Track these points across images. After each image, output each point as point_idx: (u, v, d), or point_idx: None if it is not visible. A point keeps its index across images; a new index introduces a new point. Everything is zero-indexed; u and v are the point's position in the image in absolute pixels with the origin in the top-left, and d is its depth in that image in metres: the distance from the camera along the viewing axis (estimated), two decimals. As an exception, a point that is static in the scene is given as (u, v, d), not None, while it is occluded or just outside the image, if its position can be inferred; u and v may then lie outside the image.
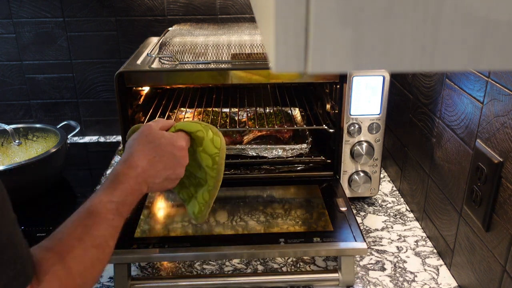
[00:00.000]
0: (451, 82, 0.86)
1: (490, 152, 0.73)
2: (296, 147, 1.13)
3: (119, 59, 1.41)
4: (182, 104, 1.34)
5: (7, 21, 1.35)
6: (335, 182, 1.06)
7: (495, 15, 0.27)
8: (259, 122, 1.24)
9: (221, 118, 1.24)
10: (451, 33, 0.28)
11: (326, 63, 0.28)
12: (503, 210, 0.70)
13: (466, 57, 0.28)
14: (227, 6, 1.37)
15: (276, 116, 1.25)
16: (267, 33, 0.30)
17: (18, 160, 1.20)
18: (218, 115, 1.25)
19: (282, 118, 1.25)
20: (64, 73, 1.42)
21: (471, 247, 0.80)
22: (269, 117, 1.24)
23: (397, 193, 1.17)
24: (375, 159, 1.05)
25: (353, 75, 0.98)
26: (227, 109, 1.33)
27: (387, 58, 0.28)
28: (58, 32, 1.37)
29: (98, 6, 1.34)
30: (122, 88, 1.01)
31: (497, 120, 0.71)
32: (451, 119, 0.86)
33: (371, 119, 1.01)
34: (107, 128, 1.51)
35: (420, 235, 1.00)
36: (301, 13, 0.27)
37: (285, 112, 1.31)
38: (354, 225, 0.88)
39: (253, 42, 1.06)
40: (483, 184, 0.74)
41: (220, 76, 1.02)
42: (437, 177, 0.94)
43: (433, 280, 0.87)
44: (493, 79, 0.72)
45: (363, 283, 0.86)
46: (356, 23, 0.27)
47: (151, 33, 1.37)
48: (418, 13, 0.27)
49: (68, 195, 1.19)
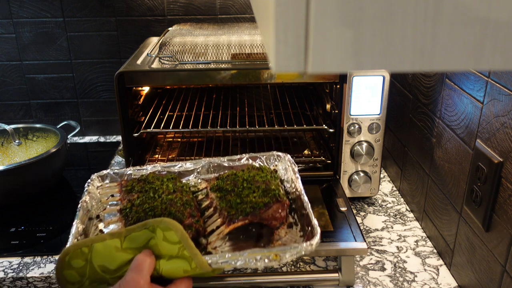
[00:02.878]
0: (451, 82, 0.86)
1: (490, 152, 0.73)
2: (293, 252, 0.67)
3: (119, 59, 1.41)
4: (182, 104, 1.34)
5: (7, 21, 1.35)
6: (335, 182, 1.06)
7: (495, 15, 0.27)
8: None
9: (221, 118, 1.24)
10: (451, 33, 0.28)
11: (326, 63, 0.28)
12: (503, 210, 0.70)
13: (466, 57, 0.28)
14: (227, 6, 1.37)
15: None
16: (267, 33, 0.30)
17: (18, 160, 1.20)
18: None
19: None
20: (64, 73, 1.42)
21: (471, 247, 0.80)
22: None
23: (397, 193, 1.17)
24: (375, 159, 1.05)
25: (353, 75, 0.98)
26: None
27: (387, 58, 0.28)
28: (58, 32, 1.37)
29: (98, 6, 1.34)
30: (122, 88, 1.01)
31: (497, 120, 0.71)
32: (451, 119, 0.86)
33: (371, 119, 1.01)
34: (107, 128, 1.51)
35: (420, 235, 1.00)
36: (301, 13, 0.27)
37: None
38: (354, 225, 0.88)
39: (253, 42, 1.06)
40: (483, 184, 0.74)
41: (220, 76, 1.02)
42: (437, 177, 0.94)
43: (433, 280, 0.87)
44: (493, 79, 0.72)
45: (363, 283, 0.86)
46: (356, 23, 0.27)
47: (151, 33, 1.37)
48: (418, 13, 0.27)
49: (68, 195, 1.19)
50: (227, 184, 0.79)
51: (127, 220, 0.73)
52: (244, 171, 0.82)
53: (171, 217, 0.71)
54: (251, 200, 0.74)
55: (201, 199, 0.82)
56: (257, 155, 0.91)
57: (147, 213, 0.72)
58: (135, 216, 0.72)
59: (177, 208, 0.73)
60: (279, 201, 0.75)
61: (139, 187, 0.80)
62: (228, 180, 0.80)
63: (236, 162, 0.91)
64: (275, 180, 0.81)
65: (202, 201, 0.81)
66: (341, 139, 1.03)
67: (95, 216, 0.79)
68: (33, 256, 0.94)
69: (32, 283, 0.89)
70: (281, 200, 0.75)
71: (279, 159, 0.90)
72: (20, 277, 0.88)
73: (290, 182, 0.84)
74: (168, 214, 0.71)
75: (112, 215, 0.78)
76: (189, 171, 0.90)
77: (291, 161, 0.87)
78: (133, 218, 0.72)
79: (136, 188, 0.80)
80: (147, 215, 0.72)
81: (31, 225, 1.03)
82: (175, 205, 0.74)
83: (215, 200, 0.78)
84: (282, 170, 0.88)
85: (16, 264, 0.91)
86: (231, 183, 0.79)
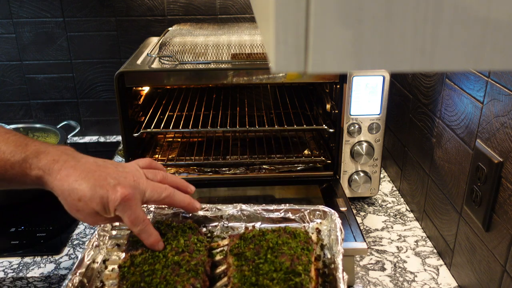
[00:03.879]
0: (451, 82, 0.86)
1: (490, 152, 0.73)
2: None
3: (119, 59, 1.41)
4: (182, 104, 1.34)
5: (7, 21, 1.35)
6: (335, 182, 1.06)
7: (495, 15, 0.27)
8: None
9: (221, 118, 1.24)
10: (451, 33, 0.28)
11: (326, 63, 0.28)
12: (503, 210, 0.70)
13: (466, 57, 0.28)
14: (227, 6, 1.36)
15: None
16: (267, 33, 0.30)
17: (18, 160, 1.19)
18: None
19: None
20: (64, 73, 1.42)
21: (471, 247, 0.80)
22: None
23: (397, 193, 1.17)
24: (375, 159, 1.05)
25: (353, 75, 0.98)
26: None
27: (387, 58, 0.28)
28: (58, 32, 1.37)
29: (98, 6, 1.34)
30: (122, 88, 1.01)
31: (497, 120, 0.71)
32: (451, 119, 0.86)
33: (371, 119, 1.01)
34: (107, 128, 1.51)
35: (420, 235, 1.00)
36: (301, 13, 0.27)
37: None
38: (354, 225, 0.88)
39: (253, 42, 1.06)
40: (483, 184, 0.74)
41: (220, 76, 1.02)
42: (437, 177, 0.94)
43: (433, 280, 0.87)
44: (493, 79, 0.72)
45: (363, 283, 0.86)
46: (356, 23, 0.27)
47: (151, 33, 1.37)
48: (418, 13, 0.27)
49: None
50: (249, 249, 0.67)
51: (122, 282, 0.64)
52: (275, 232, 0.70)
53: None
54: (267, 284, 0.60)
55: (219, 260, 0.71)
56: (299, 209, 0.77)
57: (144, 277, 0.63)
58: (131, 279, 0.63)
59: (180, 276, 0.63)
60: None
61: None
62: (252, 242, 0.68)
63: (271, 214, 0.78)
64: (308, 254, 0.66)
65: (220, 263, 0.70)
66: (341, 139, 1.03)
67: (102, 261, 0.72)
68: (33, 256, 0.94)
69: (32, 283, 0.89)
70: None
71: (324, 216, 0.76)
72: (20, 277, 0.88)
73: (331, 251, 0.70)
74: (167, 285, 0.62)
75: (115, 269, 0.70)
76: (216, 217, 0.79)
77: (338, 225, 0.72)
78: (129, 281, 0.63)
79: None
80: (144, 281, 0.63)
81: (31, 225, 1.03)
82: (179, 271, 0.64)
83: (231, 267, 0.66)
84: (325, 231, 0.74)
85: (16, 264, 0.91)
86: (254, 248, 0.67)
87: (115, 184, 0.62)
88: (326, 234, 0.74)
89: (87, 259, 0.69)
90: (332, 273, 0.65)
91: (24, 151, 0.64)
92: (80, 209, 0.62)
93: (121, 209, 0.62)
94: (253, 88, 1.41)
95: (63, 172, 0.62)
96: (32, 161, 0.63)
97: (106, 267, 0.71)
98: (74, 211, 0.63)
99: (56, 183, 0.62)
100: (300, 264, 0.63)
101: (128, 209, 0.62)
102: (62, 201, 0.63)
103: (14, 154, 0.63)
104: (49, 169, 0.62)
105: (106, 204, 0.61)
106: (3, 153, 0.64)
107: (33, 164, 0.63)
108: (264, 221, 0.78)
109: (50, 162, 0.63)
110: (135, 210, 0.63)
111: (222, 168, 1.15)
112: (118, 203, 0.61)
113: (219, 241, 0.74)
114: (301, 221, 0.77)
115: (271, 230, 0.71)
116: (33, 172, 0.63)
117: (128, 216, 0.62)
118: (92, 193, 0.61)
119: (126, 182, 0.63)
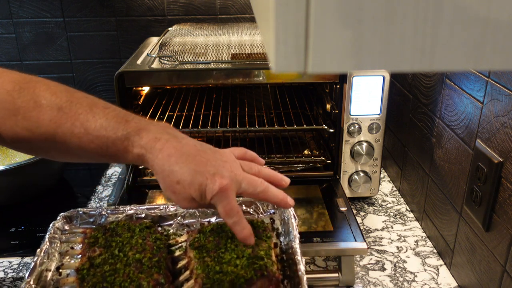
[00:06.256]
0: (451, 82, 0.86)
1: (490, 152, 0.73)
2: None
3: (119, 59, 1.41)
4: (182, 104, 1.34)
5: (7, 21, 1.35)
6: (335, 182, 1.06)
7: (495, 15, 0.27)
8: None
9: (221, 118, 1.24)
10: (451, 33, 0.28)
11: (326, 63, 0.28)
12: (503, 210, 0.70)
13: (466, 57, 0.28)
14: (227, 6, 1.36)
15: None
16: (267, 33, 0.30)
17: (18, 160, 1.20)
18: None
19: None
20: (64, 73, 1.42)
21: (471, 247, 0.80)
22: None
23: (397, 193, 1.17)
24: (375, 159, 1.05)
25: (353, 75, 0.98)
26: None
27: (387, 58, 0.28)
28: (58, 32, 1.37)
29: (98, 6, 1.34)
30: (122, 88, 1.01)
31: (497, 120, 0.71)
32: (451, 119, 0.86)
33: (371, 119, 1.01)
34: (107, 128, 1.51)
35: (420, 235, 1.00)
36: (301, 13, 0.27)
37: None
38: (354, 225, 0.88)
39: (253, 42, 1.06)
40: (483, 184, 0.74)
41: (220, 76, 1.02)
42: (437, 177, 0.94)
43: (433, 280, 0.87)
44: (493, 79, 0.72)
45: (363, 283, 0.86)
46: (356, 23, 0.27)
47: (151, 33, 1.37)
48: (418, 13, 0.27)
49: (68, 195, 1.19)
50: (209, 241, 0.67)
51: (82, 285, 0.62)
52: None
53: (134, 285, 0.60)
54: (232, 270, 0.61)
55: (179, 256, 0.70)
56: (252, 201, 0.78)
57: (106, 277, 0.61)
58: (92, 280, 0.61)
59: (144, 272, 0.62)
60: (265, 275, 0.61)
61: (103, 240, 0.68)
62: (212, 235, 0.69)
63: None
64: (267, 241, 0.68)
65: (180, 258, 0.70)
66: (341, 139, 1.03)
67: (55, 268, 0.68)
68: (33, 256, 0.93)
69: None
70: (269, 274, 0.62)
71: (277, 206, 0.77)
72: (20, 277, 0.88)
73: (287, 238, 0.72)
74: (131, 282, 0.61)
75: (71, 273, 0.67)
76: (170, 215, 0.78)
77: (292, 210, 0.73)
78: (89, 283, 0.61)
79: (100, 240, 0.69)
80: (106, 281, 0.61)
81: (31, 225, 1.03)
82: (141, 268, 0.63)
83: (193, 260, 0.66)
84: (278, 220, 0.77)
85: (16, 264, 0.91)
86: (214, 240, 0.68)
87: (214, 173, 0.61)
88: (280, 223, 0.76)
89: (39, 267, 0.65)
90: (291, 257, 0.66)
91: (125, 128, 0.62)
92: (177, 191, 0.61)
93: (218, 198, 0.61)
94: (253, 88, 1.41)
95: (165, 151, 0.61)
96: (134, 138, 0.61)
97: (60, 273, 0.67)
98: (170, 192, 0.62)
99: (157, 162, 0.61)
100: (261, 250, 0.65)
101: (225, 199, 0.61)
102: (160, 180, 0.62)
103: (116, 131, 0.61)
104: (151, 147, 0.61)
105: (204, 192, 0.60)
106: (105, 130, 0.61)
107: (135, 142, 0.61)
108: (219, 216, 0.76)
109: (152, 140, 0.61)
110: (231, 201, 0.62)
111: (222, 168, 1.14)
112: (216, 193, 0.60)
113: (177, 237, 0.74)
114: (255, 212, 0.78)
115: None
116: (135, 150, 0.62)
117: (223, 206, 0.61)
118: (191, 179, 0.60)
119: (225, 172, 0.62)
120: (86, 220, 0.76)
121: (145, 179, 1.09)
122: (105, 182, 1.22)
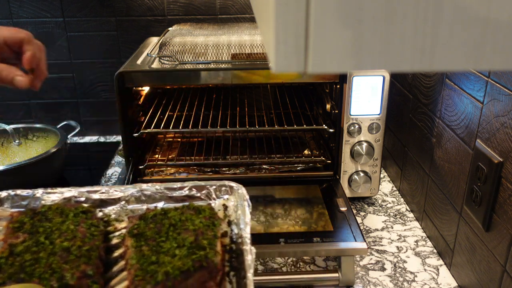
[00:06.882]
0: (451, 82, 0.86)
1: (490, 152, 0.73)
2: None
3: (119, 59, 1.41)
4: (182, 104, 1.34)
5: (7, 21, 1.35)
6: (335, 182, 1.06)
7: (495, 15, 0.27)
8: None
9: (221, 118, 1.24)
10: (451, 33, 0.28)
11: (326, 63, 0.28)
12: (503, 210, 0.70)
13: (466, 57, 0.28)
14: (227, 6, 1.37)
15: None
16: (267, 33, 0.30)
17: (18, 160, 1.20)
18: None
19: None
20: (64, 73, 1.42)
21: (471, 247, 0.80)
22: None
23: (397, 193, 1.17)
24: (375, 159, 1.05)
25: (353, 75, 0.98)
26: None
27: (387, 58, 0.28)
28: (58, 32, 1.37)
29: (98, 6, 1.34)
30: (122, 88, 1.01)
31: (497, 120, 0.71)
32: (451, 119, 0.86)
33: (371, 119, 1.01)
34: (107, 128, 1.51)
35: (420, 235, 1.00)
36: (301, 13, 0.27)
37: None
38: (354, 225, 0.88)
39: (253, 42, 1.06)
40: (483, 184, 0.74)
41: (220, 76, 1.02)
42: (437, 177, 0.94)
43: (433, 280, 0.87)
44: (493, 79, 0.72)
45: (363, 283, 0.86)
46: (356, 23, 0.27)
47: (151, 33, 1.37)
48: (418, 13, 0.27)
49: (68, 195, 1.19)
50: (150, 228, 0.62)
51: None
52: (178, 209, 0.65)
53: (56, 277, 0.54)
54: (169, 261, 0.55)
55: (116, 244, 0.64)
56: (204, 185, 0.73)
57: (24, 268, 0.55)
58: (9, 271, 0.55)
59: (69, 262, 0.56)
60: (204, 267, 0.55)
61: (30, 225, 0.62)
62: (153, 222, 0.63)
63: (175, 192, 0.72)
64: (214, 229, 0.62)
65: (117, 246, 0.64)
66: (341, 139, 1.04)
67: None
68: None
69: (32, 283, 0.89)
70: (209, 266, 0.55)
71: (231, 191, 0.72)
72: (20, 277, 0.88)
73: (238, 226, 0.65)
74: (52, 273, 0.54)
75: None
76: (114, 200, 0.72)
77: (245, 197, 0.68)
78: (6, 273, 0.55)
79: (26, 226, 0.62)
80: (24, 271, 0.54)
81: (31, 225, 1.03)
82: (68, 257, 0.57)
83: (129, 249, 0.60)
84: (232, 207, 0.70)
85: (16, 264, 0.91)
86: (155, 227, 0.62)
87: None
88: (233, 209, 0.70)
89: None
90: (239, 247, 0.62)
91: None
92: None
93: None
94: (253, 88, 1.41)
95: None
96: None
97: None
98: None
99: None
100: (205, 239, 0.59)
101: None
102: None
103: None
104: None
105: None
106: None
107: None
108: (168, 200, 0.71)
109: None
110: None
111: (222, 168, 1.15)
112: None
113: (116, 224, 0.68)
114: (207, 198, 0.73)
115: (174, 208, 0.65)
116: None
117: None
118: None
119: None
120: (18, 203, 0.70)
121: (145, 179, 1.09)
122: (105, 182, 1.22)
